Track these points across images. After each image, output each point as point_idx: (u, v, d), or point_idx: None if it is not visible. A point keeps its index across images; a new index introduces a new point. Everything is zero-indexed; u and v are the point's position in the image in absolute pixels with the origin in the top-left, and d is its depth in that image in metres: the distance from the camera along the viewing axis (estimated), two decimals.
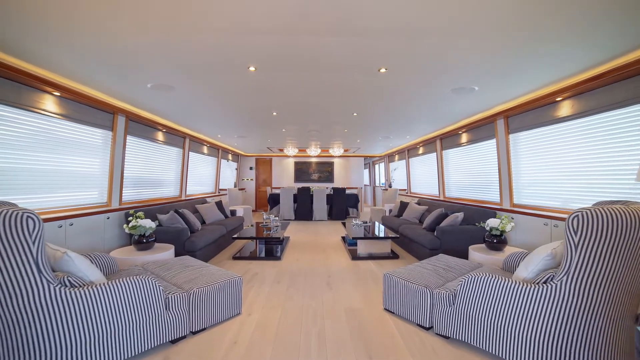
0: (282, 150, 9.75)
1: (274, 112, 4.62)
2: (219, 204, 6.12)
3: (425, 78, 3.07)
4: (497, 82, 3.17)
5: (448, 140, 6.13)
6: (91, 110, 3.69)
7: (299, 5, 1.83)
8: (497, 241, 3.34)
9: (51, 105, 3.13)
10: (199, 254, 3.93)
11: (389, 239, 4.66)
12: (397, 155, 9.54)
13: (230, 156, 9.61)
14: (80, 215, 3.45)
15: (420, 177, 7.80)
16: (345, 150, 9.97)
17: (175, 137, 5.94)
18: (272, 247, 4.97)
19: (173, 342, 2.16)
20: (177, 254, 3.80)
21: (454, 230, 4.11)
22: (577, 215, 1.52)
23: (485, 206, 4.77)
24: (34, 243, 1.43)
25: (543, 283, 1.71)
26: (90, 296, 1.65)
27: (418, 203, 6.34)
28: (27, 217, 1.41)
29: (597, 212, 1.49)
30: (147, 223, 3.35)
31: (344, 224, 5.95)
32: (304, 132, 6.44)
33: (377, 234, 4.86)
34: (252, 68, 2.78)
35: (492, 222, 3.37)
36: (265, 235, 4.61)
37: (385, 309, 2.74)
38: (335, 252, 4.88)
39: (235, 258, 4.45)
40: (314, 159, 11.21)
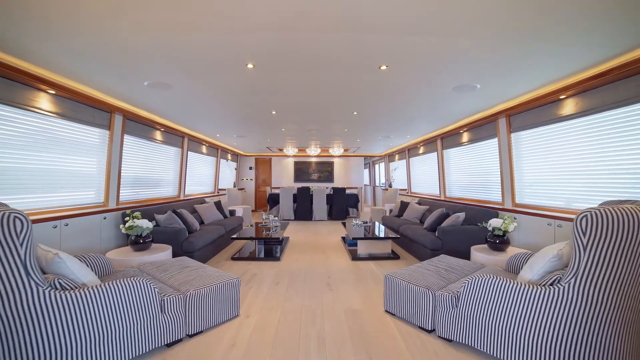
0: (281, 150, 9.70)
1: (273, 111, 4.57)
2: (218, 204, 6.07)
3: (427, 76, 3.01)
4: (499, 80, 3.12)
5: (449, 139, 6.08)
6: (88, 109, 3.64)
7: (299, 1, 1.78)
8: (500, 241, 3.29)
9: (46, 103, 3.08)
10: (197, 255, 3.87)
11: (389, 239, 4.61)
12: (397, 155, 9.49)
13: (229, 156, 9.56)
14: (76, 215, 3.39)
15: (421, 177, 7.75)
16: (345, 150, 9.91)
17: (174, 137, 5.88)
18: (271, 247, 4.92)
19: (169, 345, 2.11)
20: (174, 254, 3.74)
21: (455, 230, 4.06)
22: (586, 216, 1.47)
23: (487, 206, 4.72)
24: (21, 245, 1.38)
25: (549, 285, 1.66)
26: (82, 299, 1.59)
27: (419, 203, 6.29)
28: (15, 217, 1.35)
29: (606, 212, 1.43)
30: (144, 223, 3.30)
31: (344, 224, 5.90)
32: (304, 131, 6.38)
33: (378, 234, 4.80)
34: (250, 65, 2.73)
35: (495, 222, 3.32)
36: (264, 236, 4.56)
37: (386, 311, 2.69)
38: (335, 253, 4.83)
39: (234, 259, 4.40)
40: (313, 159, 11.16)
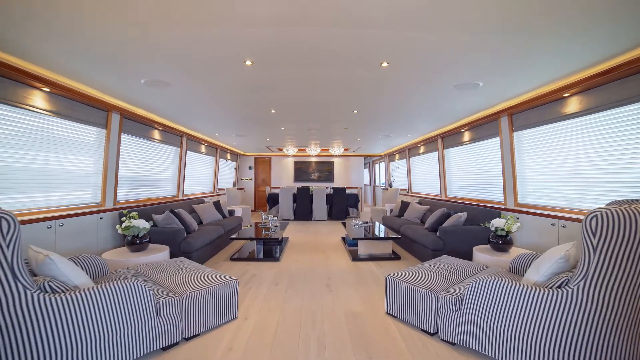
0: (281, 149, 9.65)
1: (273, 110, 4.51)
2: (217, 204, 6.01)
3: (428, 73, 2.96)
4: (502, 78, 3.07)
5: (450, 138, 6.03)
6: (84, 107, 3.58)
7: None
8: (503, 242, 3.24)
9: (41, 101, 3.02)
10: (195, 256, 3.82)
11: (390, 240, 4.55)
12: (397, 155, 9.44)
13: (228, 155, 9.50)
14: (72, 215, 3.33)
15: (421, 177, 7.69)
16: (345, 150, 9.86)
17: (172, 136, 5.83)
18: (270, 247, 4.87)
19: (164, 349, 2.05)
20: (172, 255, 3.69)
21: (457, 230, 4.01)
22: (596, 216, 1.42)
23: (489, 206, 4.67)
24: (8, 246, 1.32)
25: (557, 287, 1.60)
26: (73, 302, 1.54)
27: (419, 203, 6.24)
28: (0, 217, 1.30)
29: (617, 212, 1.38)
30: (141, 223, 3.24)
31: (344, 224, 5.85)
32: (304, 130, 6.33)
33: (378, 234, 4.75)
34: (248, 62, 2.67)
35: (497, 223, 3.27)
36: (263, 236, 4.50)
37: (387, 313, 2.63)
38: (335, 253, 4.78)
39: (233, 259, 4.35)
40: (313, 159, 11.10)
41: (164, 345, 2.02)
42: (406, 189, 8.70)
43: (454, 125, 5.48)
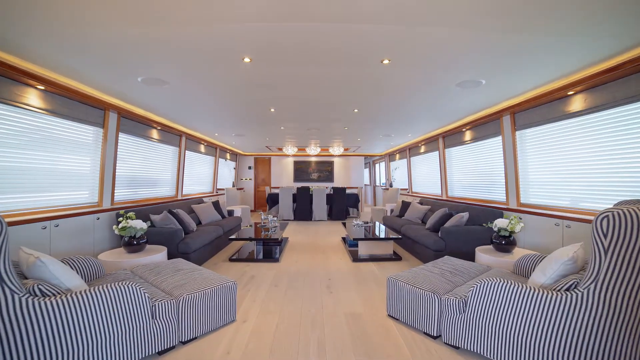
0: (281, 149, 9.60)
1: (272, 109, 4.46)
2: (216, 204, 5.96)
3: (430, 70, 2.91)
4: (505, 76, 3.02)
5: (451, 138, 5.97)
6: (80, 105, 3.53)
7: None
8: (506, 242, 3.19)
9: (35, 99, 2.96)
10: (193, 256, 3.76)
11: (391, 240, 4.50)
12: (397, 154, 9.38)
13: (228, 155, 9.45)
14: (68, 215, 3.28)
15: (422, 177, 7.64)
16: (345, 150, 9.81)
17: (171, 135, 5.77)
18: (270, 248, 4.81)
19: (160, 353, 2.00)
20: (170, 256, 3.63)
21: (459, 230, 3.95)
22: (607, 216, 1.36)
23: (491, 206, 4.61)
24: None
25: (565, 291, 1.55)
26: (64, 306, 1.48)
27: (420, 203, 6.18)
28: None
29: (629, 213, 1.33)
30: (138, 224, 3.19)
31: (344, 224, 5.79)
32: (303, 130, 6.27)
33: (379, 234, 4.70)
34: (247, 59, 2.62)
35: (501, 223, 3.22)
36: (263, 236, 4.45)
37: (388, 315, 2.58)
38: (335, 254, 4.72)
39: (232, 260, 4.29)
40: (313, 159, 11.05)
41: (160, 350, 1.96)
42: (407, 189, 8.65)
43: (455, 125, 5.43)
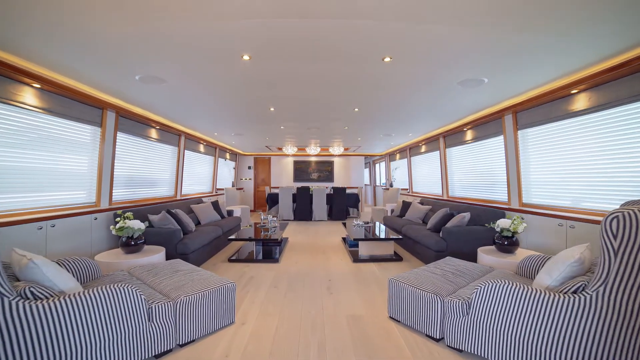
0: (280, 149, 9.55)
1: (272, 108, 4.41)
2: (215, 204, 5.91)
3: (432, 68, 2.86)
4: (508, 74, 2.97)
5: (452, 137, 5.93)
6: (78, 104, 3.48)
7: None
8: (509, 243, 3.15)
9: (31, 98, 2.91)
10: (191, 257, 3.72)
11: (391, 241, 4.45)
12: (398, 154, 9.34)
13: (227, 155, 9.40)
14: (64, 216, 3.23)
15: (423, 176, 7.60)
16: (345, 149, 9.76)
17: (170, 135, 5.73)
18: (270, 249, 4.77)
19: (157, 357, 1.95)
20: (168, 256, 3.59)
21: (460, 231, 3.91)
22: (617, 217, 1.32)
23: (493, 206, 4.57)
24: None
25: (572, 293, 1.51)
26: (57, 309, 1.44)
27: (421, 203, 6.14)
28: None
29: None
30: (136, 224, 3.15)
31: (345, 224, 5.75)
32: (303, 129, 6.23)
33: (379, 235, 4.66)
34: (246, 57, 2.57)
35: (503, 223, 3.18)
36: (262, 237, 4.40)
37: (390, 317, 2.54)
38: (335, 254, 4.68)
39: (231, 261, 4.25)
40: (313, 158, 11.00)
41: (157, 353, 1.92)
42: (407, 189, 8.61)
43: (456, 124, 5.39)
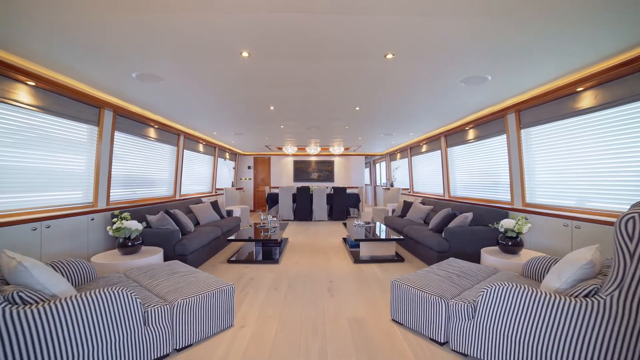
0: (280, 148, 9.49)
1: (271, 107, 4.35)
2: (215, 204, 5.85)
3: (435, 66, 2.81)
4: (512, 71, 2.91)
5: (453, 137, 5.87)
6: (74, 103, 3.42)
7: None
8: (513, 244, 3.09)
9: (25, 96, 2.85)
10: (190, 258, 3.66)
11: (393, 241, 4.39)
12: (399, 154, 9.28)
13: (227, 155, 9.34)
14: (60, 216, 3.17)
15: (424, 176, 7.54)
16: (345, 149, 9.70)
17: (169, 134, 5.67)
18: (269, 249, 4.71)
19: None
20: (166, 258, 3.53)
21: (463, 231, 3.85)
22: (633, 218, 1.26)
23: (495, 206, 4.51)
24: None
25: (584, 297, 1.45)
26: (47, 314, 1.38)
27: (422, 202, 6.08)
28: None
29: None
30: (133, 225, 3.09)
31: (345, 224, 5.69)
32: (303, 128, 6.16)
33: (380, 235, 4.60)
34: (245, 53, 2.51)
35: (507, 223, 3.12)
36: (262, 237, 4.34)
37: (393, 320, 2.48)
38: (336, 255, 4.62)
39: (230, 262, 4.19)
40: (313, 158, 10.94)
41: (153, 358, 1.86)
42: (408, 189, 8.55)
43: (458, 123, 5.33)
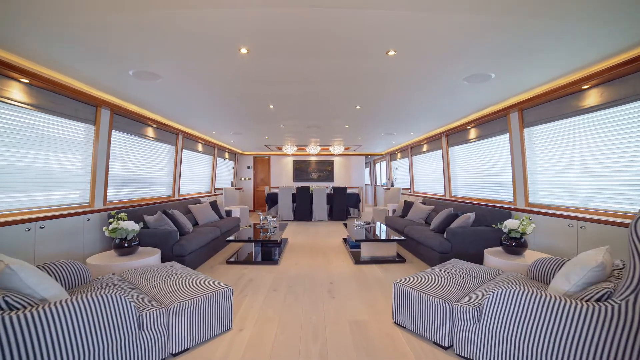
0: (280, 148, 9.44)
1: (271, 105, 4.29)
2: (214, 204, 5.79)
3: (438, 63, 2.75)
4: (517, 68, 2.85)
5: (455, 136, 5.82)
6: (70, 101, 3.36)
7: None
8: (517, 244, 3.03)
9: (19, 94, 2.79)
10: (188, 259, 3.60)
11: (394, 242, 4.34)
12: (399, 154, 9.23)
13: (226, 154, 9.28)
14: (55, 216, 3.11)
15: (424, 176, 7.48)
16: (345, 149, 9.65)
17: (167, 134, 5.60)
18: (269, 250, 4.65)
19: None
20: (164, 259, 3.47)
21: (465, 232, 3.79)
22: None
23: (498, 206, 4.45)
24: None
25: (596, 301, 1.39)
26: (36, 320, 1.32)
27: (423, 202, 6.03)
28: None
29: None
30: (130, 225, 3.03)
31: (345, 224, 5.63)
32: (303, 127, 6.10)
33: (381, 235, 4.54)
34: (244, 50, 2.45)
35: (511, 224, 3.06)
36: (262, 238, 4.28)
37: (395, 323, 2.42)
38: (336, 256, 4.56)
39: (229, 262, 4.13)
40: (313, 158, 10.88)
41: None
42: (408, 189, 8.49)
43: (459, 122, 5.27)
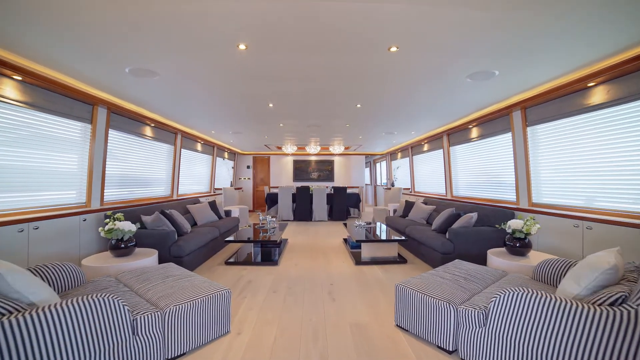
0: (280, 148, 9.38)
1: (270, 104, 4.23)
2: (213, 204, 5.73)
3: (441, 60, 2.69)
4: (521, 65, 2.79)
5: (456, 135, 5.76)
6: (65, 99, 3.30)
7: None
8: (521, 245, 2.97)
9: (12, 91, 2.73)
10: (186, 260, 3.54)
11: (395, 242, 4.28)
12: (399, 153, 9.17)
13: (226, 154, 9.21)
14: (50, 217, 3.04)
15: (425, 176, 7.42)
16: (346, 148, 9.59)
17: (166, 133, 5.54)
18: (268, 250, 4.59)
19: None
20: (162, 260, 3.41)
21: (468, 232, 3.74)
22: None
23: (500, 206, 4.39)
24: None
25: (609, 305, 1.33)
26: (23, 326, 1.26)
27: (424, 202, 5.97)
28: None
29: None
30: (126, 226, 2.97)
31: (346, 225, 5.57)
32: (303, 127, 6.04)
33: (382, 236, 4.48)
34: (242, 46, 2.39)
35: (515, 224, 3.00)
36: (261, 238, 4.22)
37: (397, 325, 2.36)
38: (337, 257, 4.50)
39: (228, 263, 4.06)
40: (313, 157, 10.82)
41: None
42: (409, 189, 8.43)
43: (461, 121, 5.21)
